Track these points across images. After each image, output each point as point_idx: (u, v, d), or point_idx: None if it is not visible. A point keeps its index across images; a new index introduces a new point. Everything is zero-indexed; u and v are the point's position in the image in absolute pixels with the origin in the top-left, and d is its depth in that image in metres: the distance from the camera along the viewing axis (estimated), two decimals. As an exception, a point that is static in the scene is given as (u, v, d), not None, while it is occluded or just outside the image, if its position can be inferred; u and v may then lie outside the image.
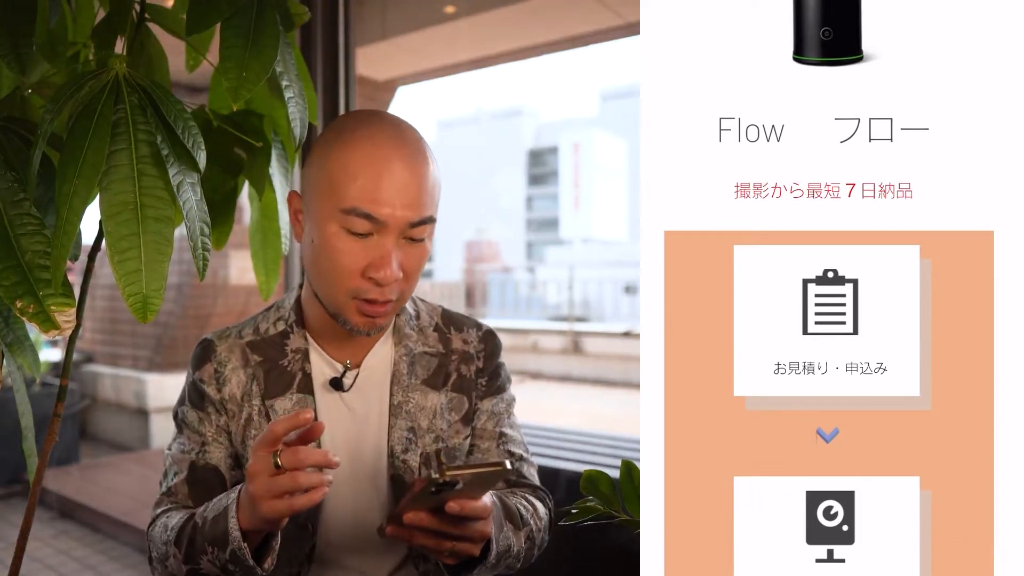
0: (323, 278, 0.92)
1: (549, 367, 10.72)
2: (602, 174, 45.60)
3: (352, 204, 0.87)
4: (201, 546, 0.84)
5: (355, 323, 0.92)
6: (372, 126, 0.91)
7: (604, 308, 17.98)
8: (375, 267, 0.88)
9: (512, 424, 1.07)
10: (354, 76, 2.22)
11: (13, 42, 0.82)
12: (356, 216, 0.87)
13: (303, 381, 0.98)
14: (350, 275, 0.89)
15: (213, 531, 0.83)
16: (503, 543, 0.86)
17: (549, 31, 3.38)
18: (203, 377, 1.00)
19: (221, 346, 1.01)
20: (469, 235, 45.72)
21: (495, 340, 1.08)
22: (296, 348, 1.00)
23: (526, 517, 0.95)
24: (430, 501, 0.72)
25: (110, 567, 3.45)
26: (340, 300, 0.91)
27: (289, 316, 1.01)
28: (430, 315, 1.07)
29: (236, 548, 0.80)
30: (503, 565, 0.89)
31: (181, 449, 0.99)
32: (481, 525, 0.78)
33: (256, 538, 0.83)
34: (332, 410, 0.99)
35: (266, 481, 0.75)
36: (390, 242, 0.88)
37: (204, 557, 0.84)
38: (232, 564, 0.82)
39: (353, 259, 0.88)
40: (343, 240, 0.88)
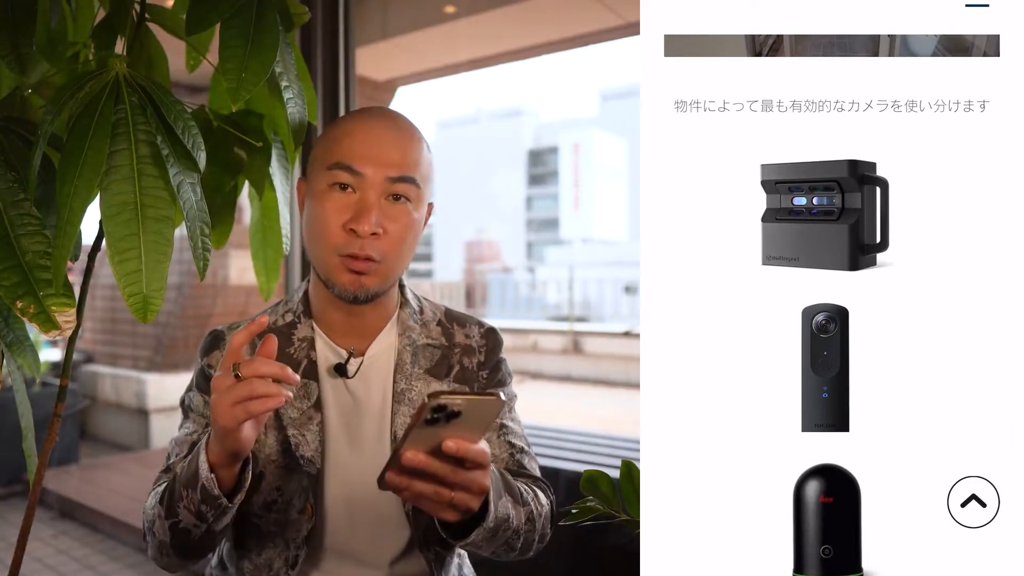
0: (313, 240, 0.97)
1: (549, 367, 10.72)
2: (602, 174, 45.57)
3: (337, 159, 0.95)
4: (179, 493, 0.86)
5: (342, 283, 0.96)
6: (368, 109, 1.02)
7: (604, 308, 17.96)
8: (355, 219, 0.94)
9: (513, 418, 1.08)
10: (354, 76, 2.22)
11: (13, 42, 0.82)
12: (339, 169, 0.95)
13: (308, 367, 1.01)
14: (335, 229, 0.94)
15: (186, 473, 0.85)
16: (502, 510, 0.86)
17: (549, 31, 3.37)
18: (211, 363, 1.02)
19: (230, 335, 1.03)
20: (469, 235, 45.65)
21: (497, 337, 1.11)
22: (303, 337, 1.02)
23: (526, 497, 0.95)
24: (427, 440, 0.71)
25: (110, 567, 3.44)
26: (328, 259, 0.95)
27: (297, 307, 1.04)
28: (433, 312, 1.10)
29: (204, 480, 0.82)
30: (502, 539, 0.89)
31: (186, 432, 1.01)
32: (479, 475, 0.76)
33: (228, 477, 0.84)
34: (336, 396, 1.01)
35: (224, 390, 0.77)
36: (371, 197, 0.94)
37: (181, 504, 0.85)
38: (204, 504, 0.83)
39: (337, 214, 0.94)
40: (330, 198, 0.95)
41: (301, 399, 0.99)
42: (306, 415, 0.99)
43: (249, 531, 1.01)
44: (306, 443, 0.98)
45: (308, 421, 0.99)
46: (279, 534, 0.99)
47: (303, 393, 1.00)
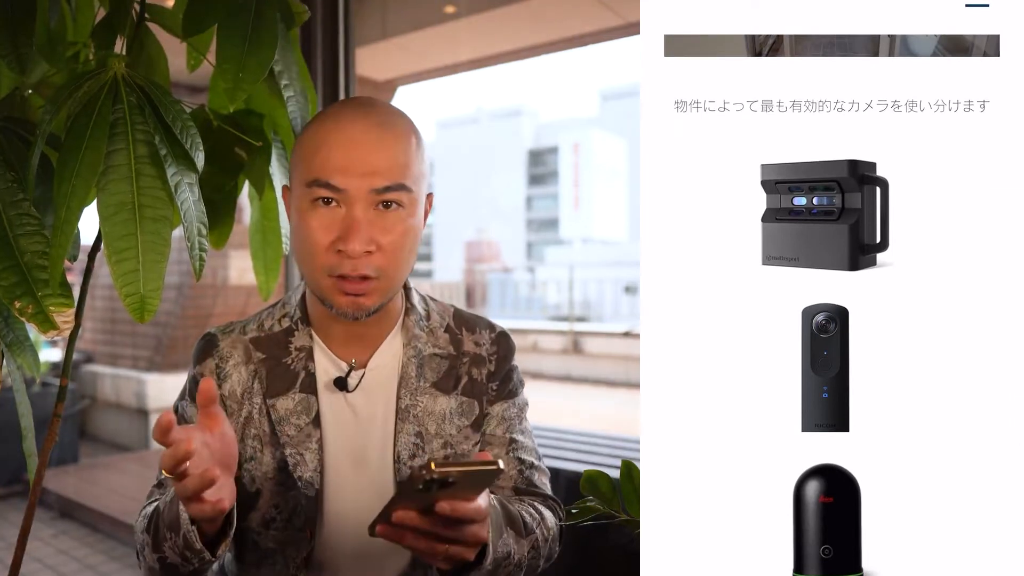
0: (302, 259, 0.90)
1: (549, 367, 10.71)
2: (602, 174, 45.57)
3: (315, 176, 0.86)
4: (163, 533, 0.81)
5: (339, 304, 0.89)
6: (341, 106, 0.92)
7: (604, 308, 17.96)
8: (342, 239, 0.86)
9: (523, 431, 1.03)
10: (354, 76, 2.22)
11: (13, 42, 0.82)
12: (318, 186, 0.86)
13: (306, 380, 0.95)
14: (322, 250, 0.87)
15: (169, 516, 0.80)
16: (502, 549, 0.82)
17: (549, 31, 3.37)
18: (204, 372, 0.98)
19: (224, 341, 0.99)
20: (469, 235, 45.62)
21: (508, 342, 1.05)
22: (300, 346, 0.97)
23: (531, 525, 0.90)
24: (421, 500, 0.69)
25: (110, 567, 3.45)
26: (319, 280, 0.89)
27: (294, 313, 0.99)
28: (441, 316, 1.03)
29: (186, 532, 0.77)
30: (503, 573, 0.84)
31: None
32: (475, 529, 0.74)
33: (211, 528, 0.79)
34: (336, 411, 0.96)
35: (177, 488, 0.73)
36: (358, 211, 0.86)
37: (166, 544, 0.81)
38: (187, 551, 0.79)
39: (323, 233, 0.87)
40: (313, 216, 0.87)
41: (299, 414, 0.94)
42: (304, 432, 0.94)
43: (249, 546, 0.97)
44: (304, 464, 0.93)
45: (307, 439, 0.94)
46: (279, 551, 0.95)
47: (301, 408, 0.94)
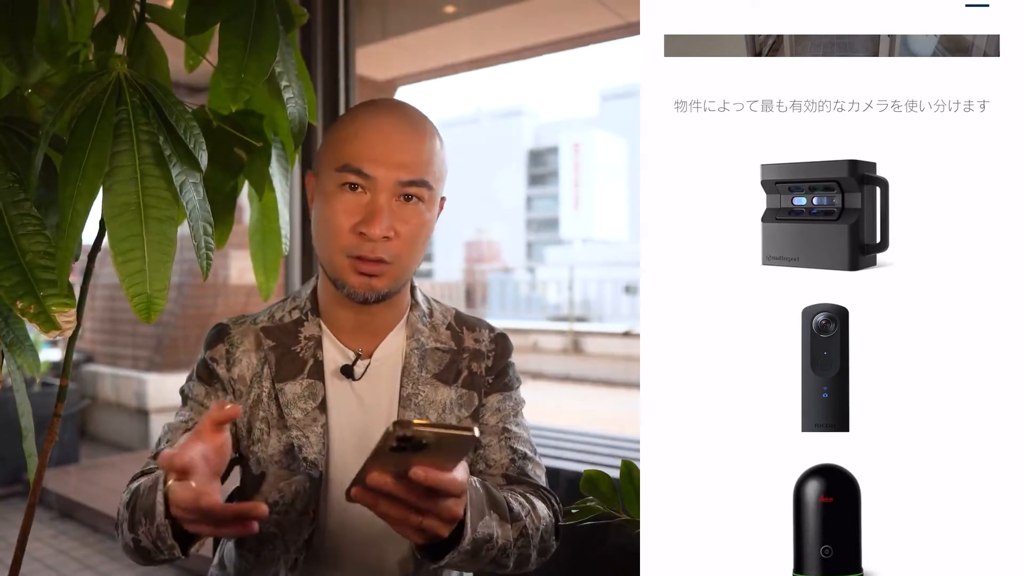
0: (323, 240, 0.96)
1: (549, 367, 10.71)
2: (602, 174, 45.56)
3: (346, 161, 0.93)
4: (138, 516, 0.80)
5: (352, 284, 0.95)
6: (377, 102, 0.99)
7: (604, 308, 17.97)
8: (365, 222, 0.92)
9: (519, 423, 1.06)
10: (354, 76, 2.22)
11: (13, 42, 0.82)
12: (349, 172, 0.93)
13: (314, 367, 1.00)
14: (344, 232, 0.93)
15: (145, 503, 0.78)
16: (483, 531, 0.82)
17: (549, 31, 3.37)
18: (214, 356, 1.01)
19: (235, 330, 1.03)
20: (469, 235, 45.66)
21: (506, 342, 1.10)
22: (310, 335, 1.01)
23: (517, 512, 0.90)
24: (395, 464, 0.68)
25: (110, 567, 3.44)
26: (337, 260, 0.95)
27: (305, 305, 1.03)
28: (443, 315, 1.09)
29: (159, 524, 0.74)
30: (486, 557, 0.84)
31: (180, 420, 0.99)
32: (451, 503, 0.72)
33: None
34: (342, 398, 1.00)
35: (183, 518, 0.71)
36: (382, 199, 0.93)
37: (140, 528, 0.79)
38: (158, 540, 0.76)
39: (348, 216, 0.93)
40: (340, 199, 0.94)
41: (306, 399, 0.98)
42: (311, 416, 0.98)
43: None
44: (310, 445, 0.97)
45: (312, 423, 0.98)
46: (279, 536, 0.98)
47: (308, 393, 0.98)
